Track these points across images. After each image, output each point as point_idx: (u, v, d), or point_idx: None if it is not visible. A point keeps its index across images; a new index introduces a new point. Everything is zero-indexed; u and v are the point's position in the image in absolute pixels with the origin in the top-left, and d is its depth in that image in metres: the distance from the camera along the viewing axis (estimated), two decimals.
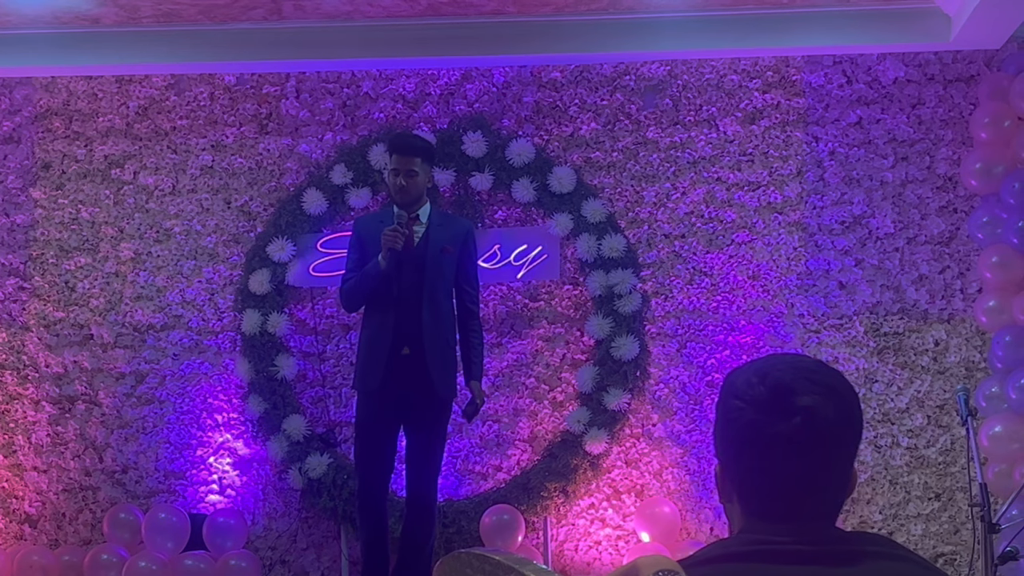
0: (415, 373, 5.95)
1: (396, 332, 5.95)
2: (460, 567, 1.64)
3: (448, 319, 6.09)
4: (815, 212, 7.40)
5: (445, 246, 6.05)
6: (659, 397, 7.36)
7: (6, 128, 7.66)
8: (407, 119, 7.54)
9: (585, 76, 7.53)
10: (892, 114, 7.42)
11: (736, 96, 7.48)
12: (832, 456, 1.82)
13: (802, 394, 1.79)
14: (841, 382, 1.85)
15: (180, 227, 7.58)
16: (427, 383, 5.95)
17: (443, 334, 6.04)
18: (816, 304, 7.34)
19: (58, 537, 7.49)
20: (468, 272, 6.20)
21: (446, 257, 6.04)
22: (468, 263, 6.21)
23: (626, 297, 7.21)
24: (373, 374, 5.97)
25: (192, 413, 7.49)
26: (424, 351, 5.95)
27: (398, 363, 5.95)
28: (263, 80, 7.61)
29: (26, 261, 7.62)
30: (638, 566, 1.64)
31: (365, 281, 5.99)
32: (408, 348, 5.96)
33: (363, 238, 6.13)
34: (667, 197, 7.45)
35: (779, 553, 1.77)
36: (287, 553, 7.41)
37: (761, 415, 1.80)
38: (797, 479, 1.82)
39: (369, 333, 6.06)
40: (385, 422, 6.05)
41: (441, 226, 6.14)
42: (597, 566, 7.25)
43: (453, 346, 6.16)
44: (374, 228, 6.05)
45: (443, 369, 6.02)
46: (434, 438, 6.09)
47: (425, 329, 5.95)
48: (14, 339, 7.57)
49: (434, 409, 6.05)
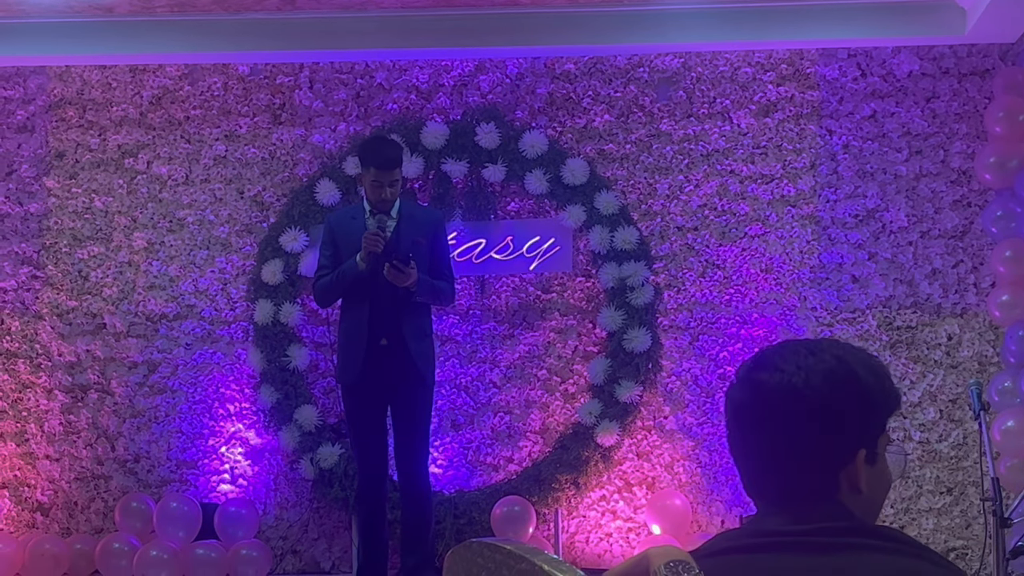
0: (395, 361, 6.03)
1: (372, 324, 6.03)
2: (471, 557, 1.64)
3: (423, 308, 6.15)
4: (828, 205, 7.39)
5: (416, 238, 6.10)
6: (671, 390, 7.36)
7: (20, 117, 7.67)
8: (420, 110, 7.54)
9: (599, 68, 7.53)
10: (906, 107, 7.41)
11: (750, 89, 7.46)
12: (787, 429, 1.82)
13: (763, 368, 1.85)
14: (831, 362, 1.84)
15: (193, 217, 7.59)
16: (410, 369, 6.03)
17: (419, 322, 6.10)
18: (829, 297, 7.33)
19: (70, 526, 7.51)
20: (441, 262, 6.28)
21: (418, 248, 6.08)
22: (441, 253, 6.29)
23: (638, 289, 7.21)
24: (352, 367, 6.07)
25: (204, 403, 7.50)
26: (403, 339, 6.02)
27: (377, 353, 6.01)
28: (277, 70, 7.61)
29: (39, 250, 7.63)
30: (649, 556, 1.64)
31: (341, 280, 6.08)
32: (386, 339, 6.01)
33: (335, 233, 6.22)
34: (680, 189, 7.45)
35: (772, 544, 1.79)
36: (298, 543, 7.43)
37: (731, 389, 1.90)
38: (757, 453, 1.86)
39: (346, 327, 6.16)
40: (372, 413, 6.14)
41: (412, 218, 6.22)
42: (608, 558, 7.26)
43: (430, 334, 6.22)
44: (347, 225, 6.17)
45: (423, 355, 6.09)
46: (419, 425, 6.16)
47: (401, 319, 6.01)
48: (27, 327, 7.58)
49: (418, 396, 6.12)
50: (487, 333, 7.45)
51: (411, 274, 5.91)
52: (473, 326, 7.43)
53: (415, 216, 6.27)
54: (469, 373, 7.43)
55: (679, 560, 1.61)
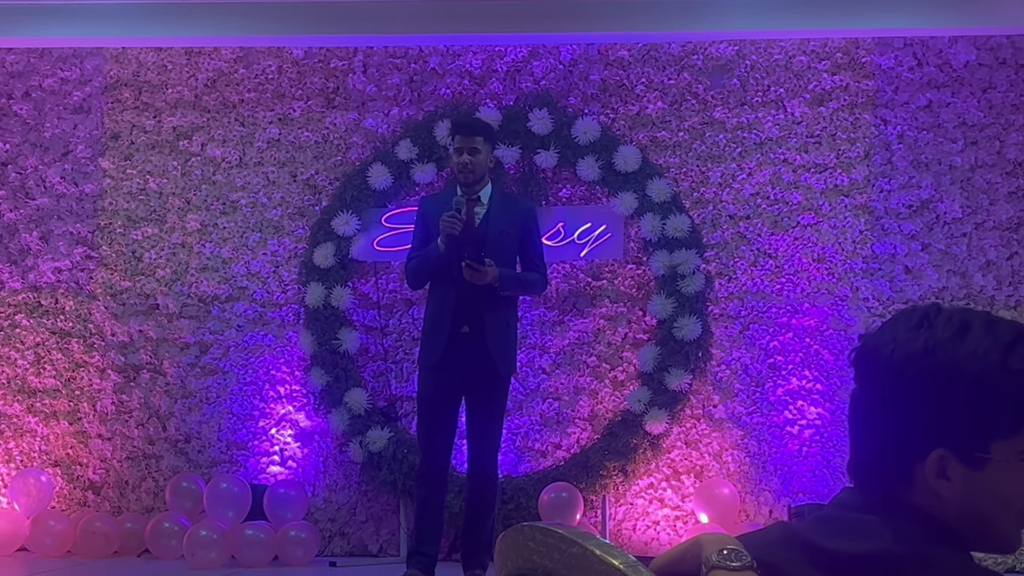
0: (475, 350, 5.98)
1: (456, 311, 5.99)
2: (523, 540, 1.64)
3: (508, 298, 6.10)
4: (882, 195, 7.34)
5: (505, 228, 6.07)
6: (720, 378, 7.34)
7: (76, 98, 7.73)
8: (473, 95, 7.54)
9: (652, 55, 7.50)
10: (962, 98, 7.35)
11: (804, 77, 7.42)
12: (863, 400, 1.70)
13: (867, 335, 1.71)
14: (915, 331, 1.63)
15: (246, 199, 7.63)
16: (487, 360, 5.98)
17: (502, 313, 6.06)
18: (881, 288, 7.29)
19: (121, 505, 7.57)
20: (531, 253, 6.21)
21: (506, 239, 6.05)
22: (530, 244, 6.21)
23: (689, 277, 7.18)
24: (433, 350, 6.03)
25: (255, 384, 7.54)
26: (484, 329, 5.98)
27: (458, 340, 5.99)
28: (331, 54, 7.63)
29: (94, 231, 7.69)
30: (701, 542, 1.62)
31: (425, 262, 6.06)
32: (467, 327, 5.99)
33: (427, 217, 6.17)
34: (733, 178, 7.42)
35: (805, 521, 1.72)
36: (346, 525, 7.46)
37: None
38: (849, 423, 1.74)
39: (431, 310, 6.12)
40: (445, 397, 6.09)
41: (502, 207, 6.15)
42: (655, 546, 7.25)
43: (513, 325, 6.16)
44: (437, 208, 6.11)
45: (502, 347, 6.03)
46: (494, 414, 6.12)
47: (484, 308, 5.98)
48: (81, 307, 7.65)
49: (494, 386, 6.08)
50: (537, 319, 7.46)
51: (488, 272, 5.86)
52: (523, 312, 7.42)
53: (506, 205, 6.20)
54: (519, 359, 7.42)
55: (731, 548, 1.59)
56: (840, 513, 1.69)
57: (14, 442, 7.61)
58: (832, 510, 1.72)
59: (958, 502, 1.62)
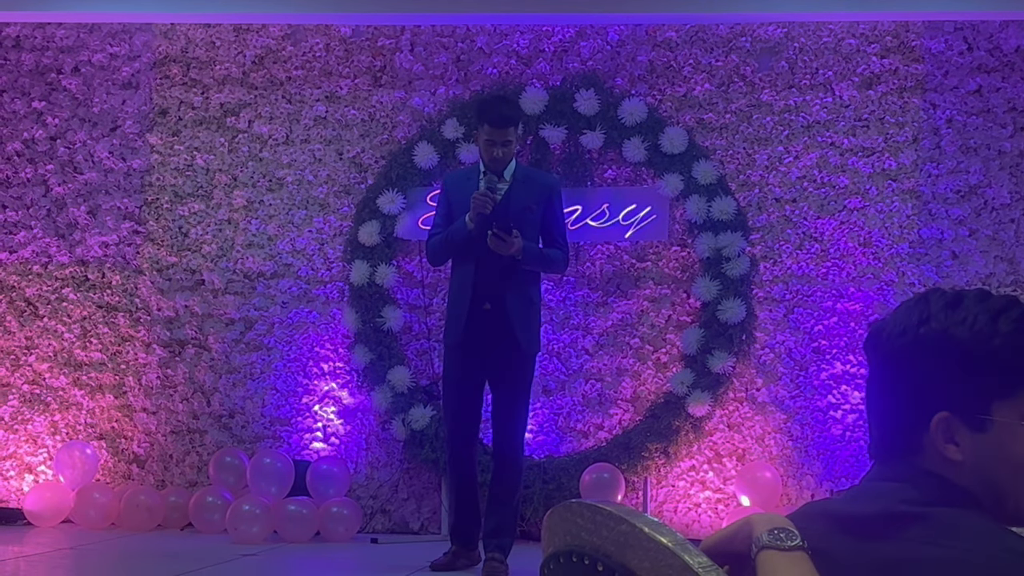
0: (497, 328, 5.96)
1: (476, 288, 5.97)
2: (571, 517, 1.64)
3: (531, 275, 6.08)
4: (930, 180, 7.30)
5: (528, 204, 6.04)
6: (764, 362, 7.32)
7: (125, 74, 7.77)
8: (520, 75, 7.54)
9: (700, 36, 7.48)
10: (1013, 83, 7.29)
11: (853, 60, 7.38)
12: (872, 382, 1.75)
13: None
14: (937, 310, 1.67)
15: (292, 177, 7.65)
16: (510, 337, 5.96)
17: (524, 290, 6.03)
18: (928, 273, 7.25)
19: (165, 478, 7.63)
20: (554, 230, 6.15)
21: (528, 215, 6.03)
22: (553, 221, 6.16)
23: (734, 260, 7.17)
24: (455, 328, 6.03)
25: (299, 361, 7.57)
26: (506, 306, 5.96)
27: (480, 318, 5.97)
28: (378, 32, 7.64)
29: (141, 206, 7.74)
30: (752, 522, 1.63)
31: (451, 240, 6.02)
32: (489, 304, 5.97)
33: (451, 194, 6.15)
34: (779, 161, 7.39)
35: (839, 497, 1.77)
36: (388, 503, 7.49)
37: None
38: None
39: (453, 288, 6.12)
40: (468, 375, 6.08)
41: (525, 183, 6.11)
42: (696, 528, 7.25)
43: (536, 302, 6.15)
44: (461, 185, 6.09)
45: (525, 324, 6.01)
46: (518, 392, 6.10)
47: (506, 286, 5.96)
48: (127, 282, 7.70)
49: (518, 363, 6.06)
50: (580, 300, 7.45)
51: (514, 243, 5.82)
52: (567, 292, 7.43)
53: (529, 181, 6.15)
54: (561, 339, 7.44)
55: (782, 528, 1.60)
56: (863, 484, 1.74)
57: (60, 415, 7.68)
58: (859, 484, 1.78)
59: (969, 467, 1.65)
